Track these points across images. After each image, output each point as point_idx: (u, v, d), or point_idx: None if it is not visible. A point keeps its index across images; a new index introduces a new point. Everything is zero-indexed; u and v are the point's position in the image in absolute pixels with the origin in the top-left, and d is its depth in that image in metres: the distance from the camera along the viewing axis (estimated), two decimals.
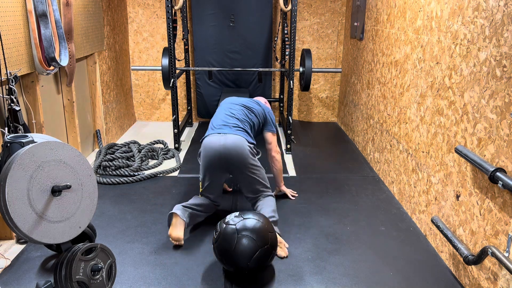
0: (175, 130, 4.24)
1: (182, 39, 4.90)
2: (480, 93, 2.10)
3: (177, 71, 4.41)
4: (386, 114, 3.52)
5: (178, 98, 5.21)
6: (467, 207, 2.21)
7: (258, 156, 2.81)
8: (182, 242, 2.55)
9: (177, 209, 2.57)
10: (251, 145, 2.72)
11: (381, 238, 2.71)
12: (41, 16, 2.74)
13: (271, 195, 2.80)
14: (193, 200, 2.74)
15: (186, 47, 4.99)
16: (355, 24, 4.49)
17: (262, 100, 3.26)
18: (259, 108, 2.98)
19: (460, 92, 2.29)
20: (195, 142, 4.57)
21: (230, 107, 2.93)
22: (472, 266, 2.13)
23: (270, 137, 3.01)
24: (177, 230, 2.52)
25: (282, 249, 2.50)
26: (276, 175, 3.11)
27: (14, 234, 2.60)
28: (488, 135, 2.03)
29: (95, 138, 4.17)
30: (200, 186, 2.82)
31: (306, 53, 4.42)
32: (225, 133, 2.69)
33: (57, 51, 2.94)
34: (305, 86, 4.55)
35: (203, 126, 5.17)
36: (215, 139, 2.67)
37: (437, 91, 2.57)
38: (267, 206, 2.68)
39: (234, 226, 2.22)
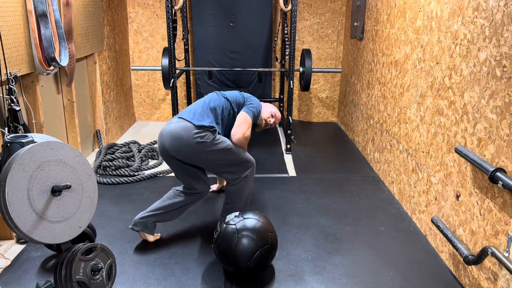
0: None
1: (182, 39, 4.89)
2: (480, 93, 2.10)
3: (177, 71, 4.40)
4: (386, 114, 3.52)
5: (178, 98, 5.20)
6: (467, 207, 2.21)
7: (214, 135, 2.45)
8: (158, 236, 2.66)
9: (136, 225, 2.52)
10: (200, 129, 2.43)
11: (381, 238, 2.71)
12: (41, 16, 2.74)
13: (240, 182, 2.57)
14: (157, 203, 2.59)
15: (186, 47, 4.99)
16: (355, 24, 4.48)
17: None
18: (237, 94, 2.69)
19: (460, 92, 2.29)
20: None
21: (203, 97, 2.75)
22: (472, 266, 2.13)
23: (237, 116, 2.61)
24: (150, 238, 2.61)
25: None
26: None
27: (14, 234, 2.60)
28: (488, 135, 2.03)
29: (95, 138, 4.17)
30: None
31: (306, 53, 4.42)
32: (170, 123, 2.50)
33: (57, 51, 2.94)
34: (305, 86, 4.55)
35: None
36: (162, 131, 2.53)
37: (437, 91, 2.57)
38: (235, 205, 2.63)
39: (234, 226, 2.22)
